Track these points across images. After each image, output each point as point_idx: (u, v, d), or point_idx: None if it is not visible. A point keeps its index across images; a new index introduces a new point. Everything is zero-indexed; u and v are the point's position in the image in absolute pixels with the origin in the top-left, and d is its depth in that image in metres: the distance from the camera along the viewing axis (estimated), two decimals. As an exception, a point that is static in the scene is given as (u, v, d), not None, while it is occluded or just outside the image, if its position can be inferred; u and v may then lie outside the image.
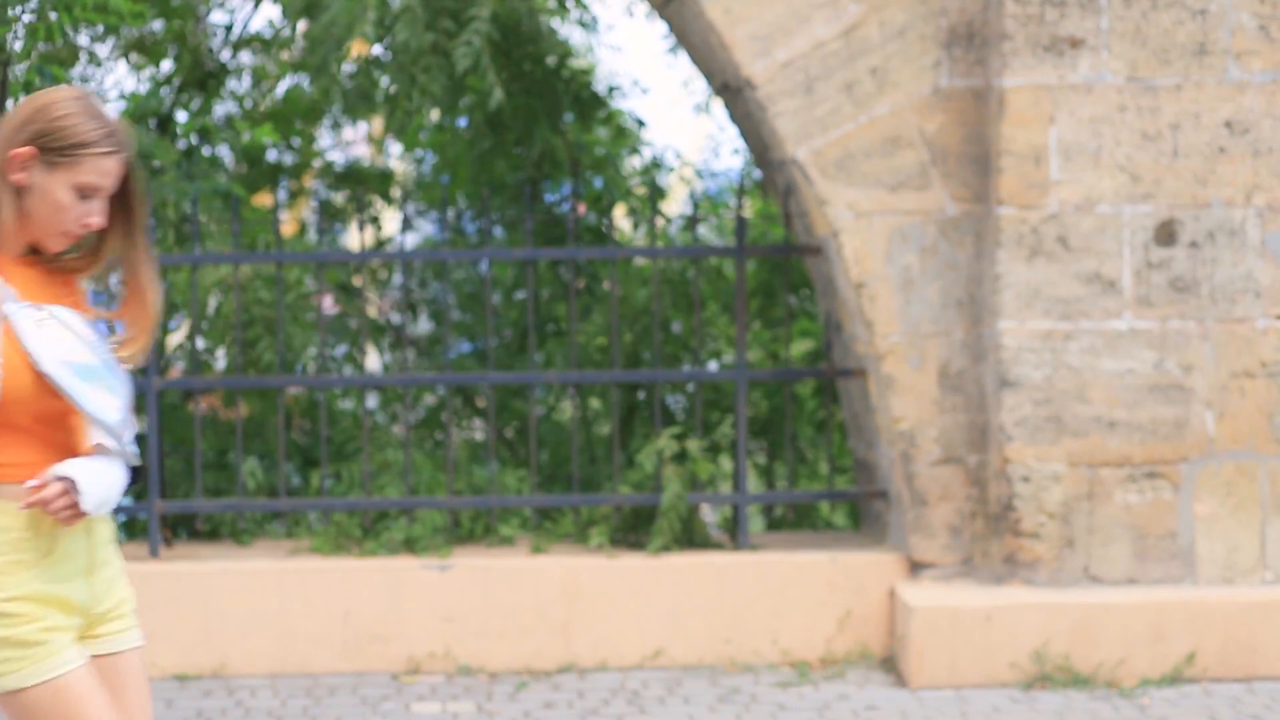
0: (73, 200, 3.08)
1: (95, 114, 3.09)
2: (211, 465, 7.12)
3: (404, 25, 6.45)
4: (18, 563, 3.06)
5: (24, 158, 3.06)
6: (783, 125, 6.24)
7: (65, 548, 3.10)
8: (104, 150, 3.07)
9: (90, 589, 3.14)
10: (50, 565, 3.08)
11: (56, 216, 3.08)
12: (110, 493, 3.11)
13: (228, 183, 7.24)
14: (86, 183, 3.08)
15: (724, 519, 7.37)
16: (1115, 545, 6.16)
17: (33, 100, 3.09)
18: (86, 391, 3.06)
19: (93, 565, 3.15)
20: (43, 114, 3.07)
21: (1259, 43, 6.09)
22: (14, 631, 3.05)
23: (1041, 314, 6.11)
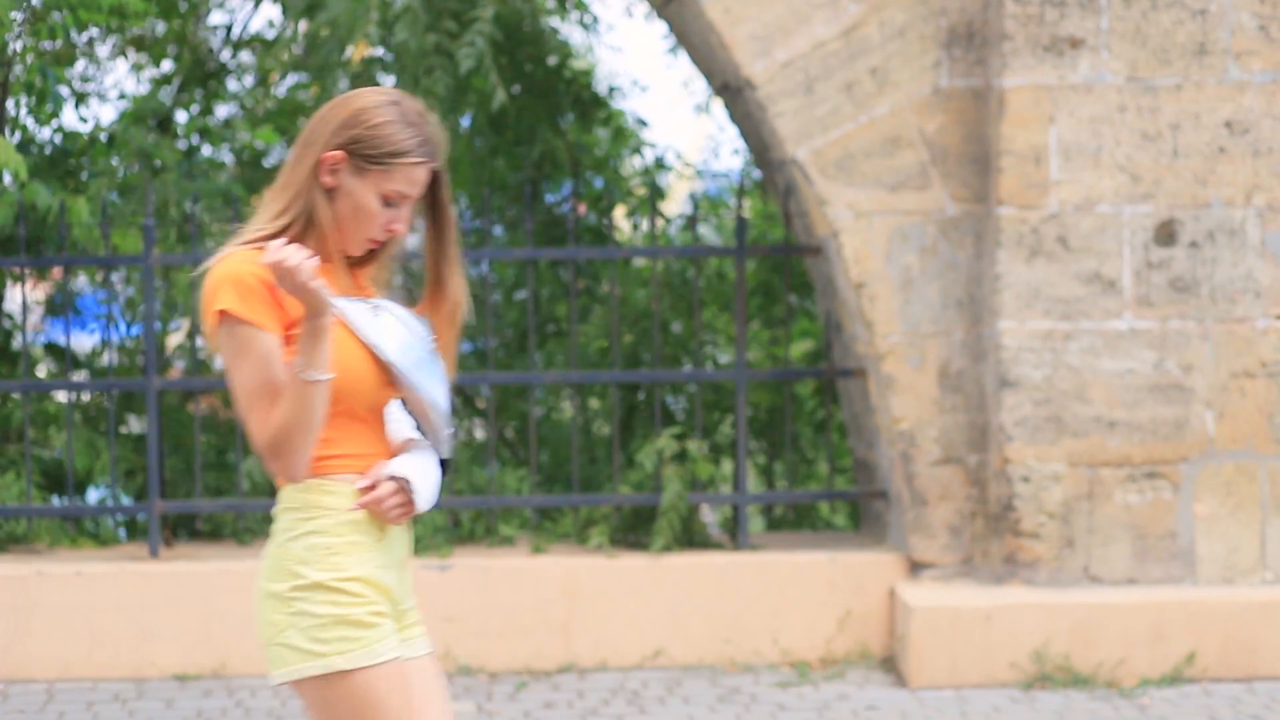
0: (380, 207, 3.05)
1: (411, 122, 3.05)
2: (211, 465, 7.12)
3: (405, 26, 6.46)
4: (356, 544, 3.05)
5: (335, 161, 3.04)
6: (783, 125, 6.24)
7: (389, 536, 3.10)
8: (416, 160, 3.04)
9: (400, 582, 3.13)
10: (381, 551, 3.08)
11: (362, 222, 3.05)
12: (434, 488, 3.12)
13: (228, 182, 7.23)
14: (395, 191, 3.04)
15: (724, 519, 7.37)
16: (1115, 545, 6.16)
17: (348, 102, 3.05)
18: (426, 380, 3.06)
19: (402, 559, 3.14)
20: (360, 119, 3.04)
21: (1259, 43, 6.09)
22: (349, 611, 3.02)
23: (1041, 314, 6.11)
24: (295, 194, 3.05)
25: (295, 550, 3.06)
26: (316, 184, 3.04)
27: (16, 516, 6.57)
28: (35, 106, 7.14)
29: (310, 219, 3.05)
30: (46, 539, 6.67)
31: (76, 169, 7.30)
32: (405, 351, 3.06)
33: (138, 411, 7.15)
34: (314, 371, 2.94)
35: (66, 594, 6.23)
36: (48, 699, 6.01)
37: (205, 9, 7.90)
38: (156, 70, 7.94)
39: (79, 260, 6.64)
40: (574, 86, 7.44)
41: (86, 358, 7.69)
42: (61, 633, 6.22)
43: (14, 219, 6.62)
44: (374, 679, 3.02)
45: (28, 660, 6.22)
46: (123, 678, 6.22)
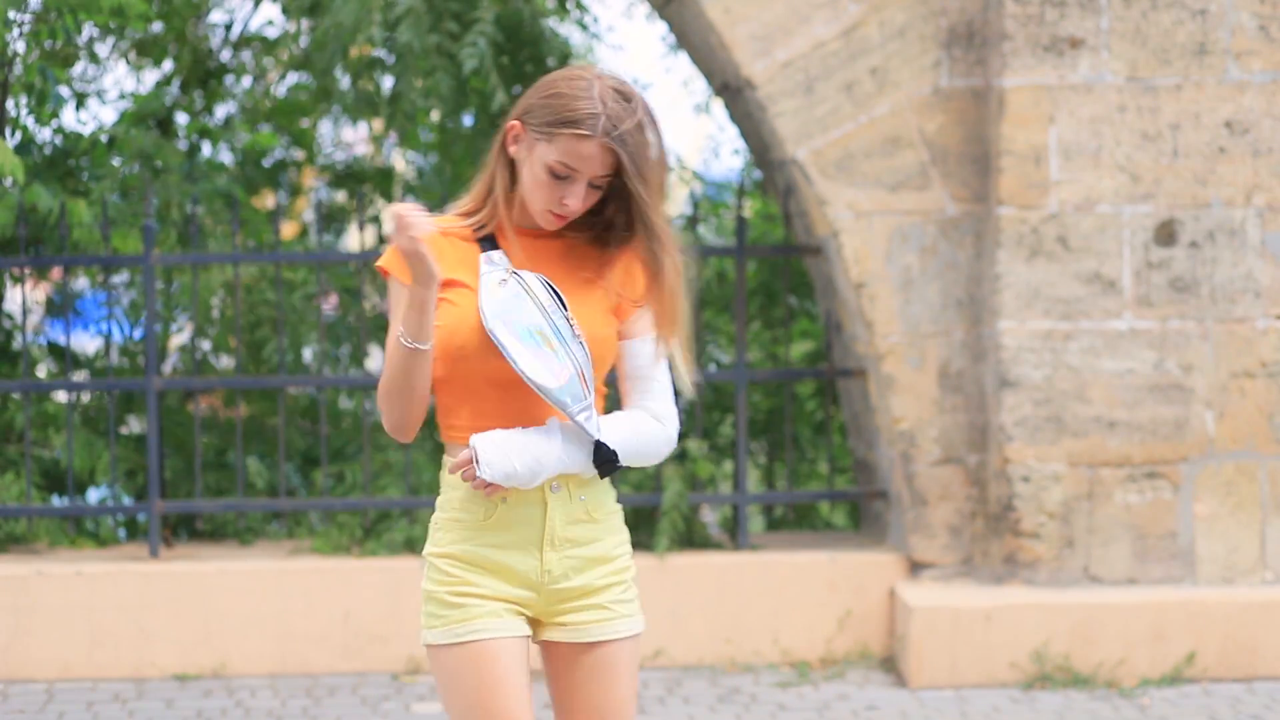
0: (547, 179, 2.98)
1: (591, 96, 2.96)
2: (211, 465, 7.12)
3: (408, 27, 6.46)
4: (456, 521, 3.06)
5: (515, 130, 3.02)
6: (783, 125, 6.24)
7: (509, 516, 3.05)
8: (581, 132, 2.94)
9: (545, 564, 3.06)
10: (490, 530, 3.05)
11: (535, 193, 3.01)
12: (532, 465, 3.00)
13: (228, 182, 7.23)
14: (559, 163, 2.96)
15: (724, 519, 7.37)
16: (1115, 545, 6.16)
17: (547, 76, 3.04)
18: (524, 353, 2.96)
19: (550, 541, 3.06)
20: (541, 89, 3.01)
21: (1259, 43, 6.09)
22: (435, 588, 3.06)
23: (1041, 314, 6.11)
24: (488, 165, 3.08)
25: (434, 518, 3.13)
26: (503, 153, 3.05)
27: (16, 516, 6.57)
28: (35, 107, 7.14)
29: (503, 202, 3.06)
30: (46, 539, 6.67)
31: (77, 169, 7.30)
32: (502, 320, 2.97)
33: (138, 411, 7.14)
34: (412, 339, 2.95)
35: (66, 594, 6.23)
36: (48, 699, 6.01)
37: (205, 8, 7.90)
38: (157, 70, 7.94)
39: (79, 260, 6.64)
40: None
41: (89, 359, 7.69)
42: (61, 633, 6.22)
43: (14, 221, 6.62)
44: (448, 657, 3.03)
45: (28, 660, 6.22)
46: (123, 678, 6.22)
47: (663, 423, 3.13)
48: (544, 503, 3.06)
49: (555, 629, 3.11)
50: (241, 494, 6.63)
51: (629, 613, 3.14)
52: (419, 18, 6.50)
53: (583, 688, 3.12)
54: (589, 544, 3.10)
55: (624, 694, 3.12)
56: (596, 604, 3.10)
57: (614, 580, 3.13)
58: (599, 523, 3.12)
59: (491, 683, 3.03)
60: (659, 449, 3.14)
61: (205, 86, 7.87)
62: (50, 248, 6.91)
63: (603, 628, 3.11)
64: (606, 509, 3.14)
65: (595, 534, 3.11)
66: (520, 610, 3.09)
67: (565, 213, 3.01)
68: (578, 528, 3.09)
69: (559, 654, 3.13)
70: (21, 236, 6.50)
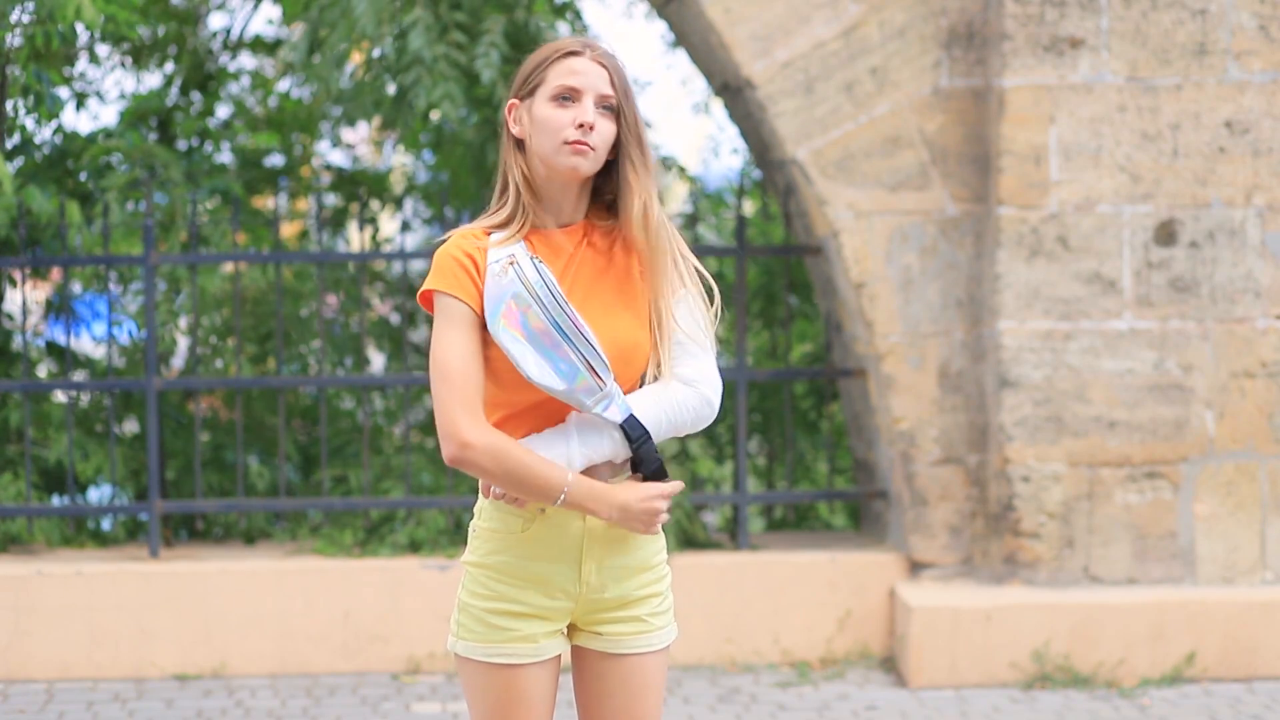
0: (553, 110, 3.00)
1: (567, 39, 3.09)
2: (210, 465, 7.11)
3: (416, 36, 6.48)
4: (493, 531, 3.04)
5: (513, 109, 3.06)
6: (783, 125, 6.24)
7: (548, 526, 3.03)
8: (565, 52, 3.03)
9: (583, 575, 3.05)
10: (529, 541, 3.03)
11: (549, 135, 3.00)
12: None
13: (228, 182, 7.23)
14: (560, 86, 3.00)
15: (724, 519, 7.37)
16: (1115, 545, 6.16)
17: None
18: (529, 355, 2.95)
19: (589, 552, 3.05)
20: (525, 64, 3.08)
21: (1259, 43, 6.09)
22: (472, 602, 3.05)
23: (1041, 314, 6.11)
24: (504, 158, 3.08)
25: (474, 526, 3.11)
26: (510, 142, 3.06)
27: (16, 516, 6.57)
28: (34, 107, 7.14)
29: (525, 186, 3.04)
30: (43, 538, 6.66)
31: (75, 170, 7.30)
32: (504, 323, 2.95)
33: (138, 412, 7.14)
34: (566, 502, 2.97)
35: (66, 594, 6.23)
36: (48, 699, 6.01)
37: (205, 9, 7.90)
38: (157, 72, 7.94)
39: (79, 260, 6.64)
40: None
41: (89, 359, 7.68)
42: (61, 633, 6.22)
43: (10, 223, 6.62)
44: (476, 671, 3.03)
45: (28, 660, 6.22)
46: (123, 678, 6.22)
47: (694, 385, 3.07)
48: (583, 515, 3.05)
49: (589, 636, 3.10)
50: (242, 494, 6.63)
51: (663, 624, 3.14)
52: (427, 28, 6.52)
53: (612, 698, 3.09)
54: (628, 552, 3.10)
55: (652, 706, 3.11)
56: (633, 616, 3.10)
57: (652, 591, 3.13)
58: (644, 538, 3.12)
59: (514, 706, 3.04)
60: (696, 414, 3.07)
61: (204, 89, 7.87)
62: (48, 248, 6.91)
63: (636, 640, 3.10)
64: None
65: (635, 541, 3.10)
66: (556, 623, 3.07)
67: (584, 137, 3.00)
68: (619, 542, 3.08)
69: (590, 661, 3.11)
70: (21, 236, 6.50)
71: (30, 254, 6.90)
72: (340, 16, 6.69)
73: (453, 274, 2.98)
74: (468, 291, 2.97)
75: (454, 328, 2.97)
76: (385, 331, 7.67)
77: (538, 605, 3.04)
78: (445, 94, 6.54)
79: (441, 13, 6.66)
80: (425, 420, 7.63)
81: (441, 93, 6.53)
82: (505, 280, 2.96)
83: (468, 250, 3.00)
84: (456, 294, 2.97)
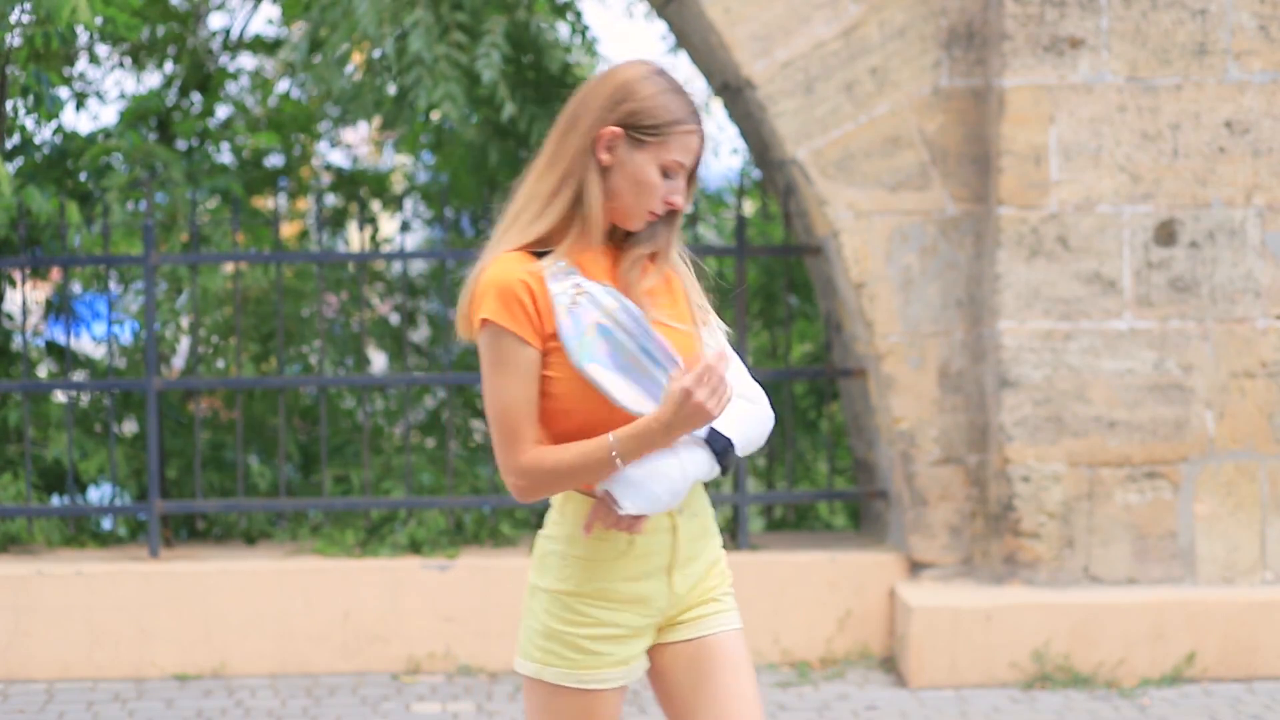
0: (659, 180, 2.98)
1: (679, 90, 3.01)
2: (210, 464, 7.11)
3: (417, 37, 6.48)
4: (589, 559, 3.00)
5: (612, 137, 2.98)
6: (783, 125, 6.24)
7: (644, 545, 3.01)
8: (691, 127, 2.99)
9: (671, 587, 3.04)
10: (627, 564, 3.00)
11: (642, 196, 2.98)
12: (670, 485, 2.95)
13: (228, 182, 7.23)
14: (673, 160, 2.98)
15: (724, 519, 7.36)
16: (1115, 545, 6.16)
17: (611, 77, 3.01)
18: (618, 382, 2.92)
19: (675, 563, 3.04)
20: (631, 92, 2.98)
21: (1259, 43, 6.09)
22: (567, 630, 3.00)
23: (1041, 314, 6.11)
24: (565, 175, 2.99)
25: (539, 549, 3.06)
26: (592, 162, 2.98)
27: (16, 516, 6.57)
28: (34, 107, 7.14)
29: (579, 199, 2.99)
30: (43, 539, 6.66)
31: (75, 170, 7.30)
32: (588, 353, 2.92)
33: (138, 412, 7.14)
34: (623, 460, 2.91)
35: (66, 594, 6.23)
36: (48, 699, 6.01)
37: (205, 9, 7.90)
38: (156, 72, 7.94)
39: (79, 260, 6.64)
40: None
41: (89, 359, 7.68)
42: (61, 633, 6.22)
43: (10, 223, 6.62)
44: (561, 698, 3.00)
45: (28, 660, 6.22)
46: (123, 678, 6.22)
47: (755, 402, 3.08)
48: (673, 527, 3.04)
49: (671, 630, 3.08)
50: (242, 494, 6.63)
51: (735, 606, 3.15)
52: (428, 28, 6.51)
53: (711, 679, 3.06)
54: (701, 556, 3.09)
55: (752, 681, 3.09)
56: (710, 598, 3.10)
57: (722, 577, 3.14)
58: (709, 531, 3.12)
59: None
60: (764, 428, 3.08)
61: (204, 89, 7.87)
62: (48, 249, 6.91)
63: (719, 619, 3.10)
64: (710, 513, 3.14)
65: (706, 544, 3.11)
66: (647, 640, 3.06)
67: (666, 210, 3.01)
68: (695, 544, 3.08)
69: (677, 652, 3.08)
70: (21, 236, 6.50)
71: (30, 254, 6.89)
72: (341, 17, 6.69)
73: (514, 308, 2.93)
74: (529, 328, 2.93)
75: (511, 369, 2.94)
76: (385, 331, 7.67)
77: (634, 625, 3.02)
78: (446, 94, 6.54)
79: (443, 13, 6.66)
80: (426, 420, 7.64)
81: (443, 93, 6.53)
82: (580, 312, 2.93)
83: (524, 279, 2.94)
84: (517, 331, 2.93)
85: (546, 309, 2.93)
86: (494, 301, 2.93)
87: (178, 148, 7.62)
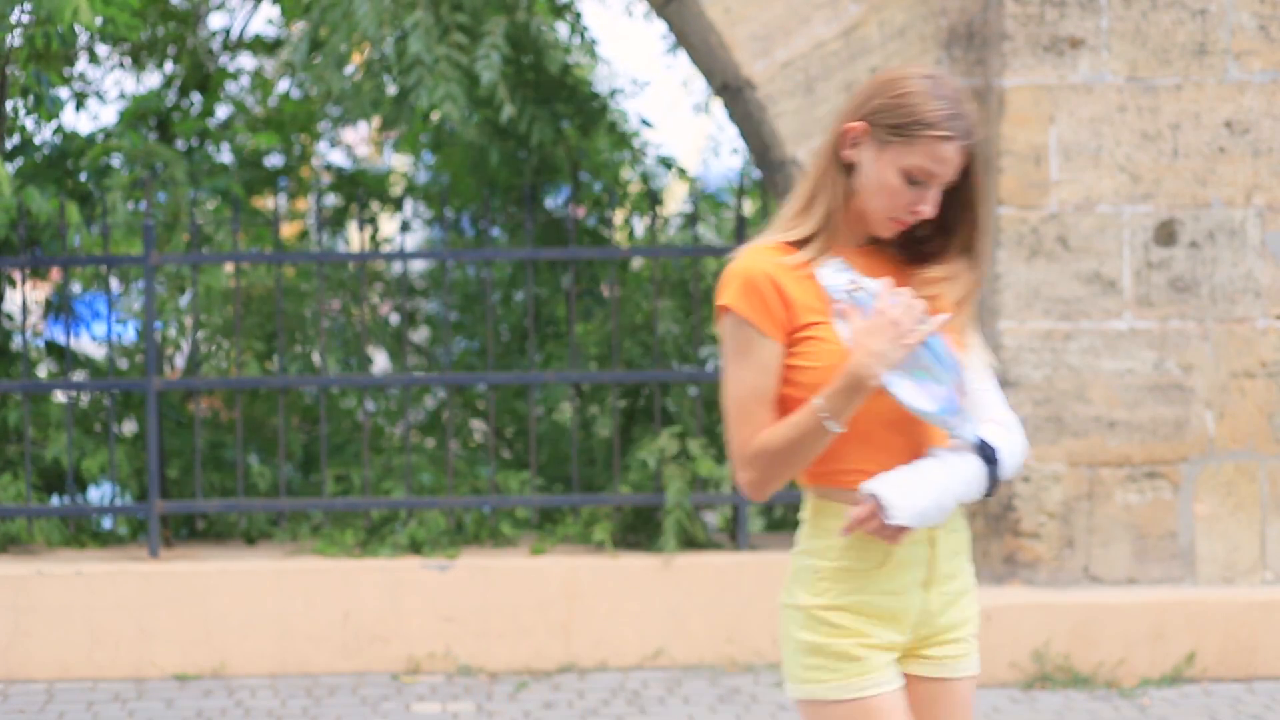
0: (900, 184, 2.85)
1: (943, 95, 2.85)
2: (210, 464, 7.11)
3: (417, 38, 6.48)
4: (846, 570, 2.89)
5: (856, 133, 2.88)
6: (783, 125, 6.24)
7: (902, 557, 2.89)
8: (941, 134, 2.83)
9: (925, 603, 2.92)
10: (884, 576, 2.89)
11: (883, 199, 2.86)
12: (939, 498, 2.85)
13: (226, 182, 7.23)
14: (918, 167, 2.84)
15: (724, 519, 7.36)
16: (1115, 545, 6.16)
17: (881, 76, 2.90)
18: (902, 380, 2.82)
19: (933, 578, 2.92)
20: (885, 89, 2.87)
21: (1259, 43, 6.09)
22: (830, 642, 2.88)
23: (1041, 314, 6.12)
24: (819, 174, 2.92)
25: (793, 566, 2.95)
26: (836, 159, 2.90)
27: (15, 516, 6.57)
28: (34, 107, 7.14)
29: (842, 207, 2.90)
30: (43, 539, 6.66)
31: (75, 170, 7.30)
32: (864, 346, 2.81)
33: (138, 412, 7.14)
34: (832, 421, 2.81)
35: (66, 594, 6.23)
36: (48, 699, 6.01)
37: (205, 9, 7.90)
38: (156, 72, 7.94)
39: (79, 260, 6.64)
40: (576, 95, 7.44)
41: (90, 360, 7.68)
42: (61, 633, 6.22)
43: (10, 224, 6.62)
44: (858, 712, 2.87)
45: (28, 660, 6.22)
46: (123, 678, 6.22)
47: (1014, 430, 2.97)
48: (931, 540, 2.91)
49: (917, 662, 2.96)
50: (242, 494, 6.63)
51: (976, 649, 3.02)
52: (428, 29, 6.51)
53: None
54: (959, 575, 2.97)
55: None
56: (957, 638, 2.97)
57: (971, 614, 3.00)
58: (964, 549, 3.00)
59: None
60: (1020, 457, 2.98)
61: (204, 89, 7.87)
62: (48, 249, 6.91)
63: (961, 664, 2.98)
64: (966, 533, 3.01)
65: (963, 563, 2.99)
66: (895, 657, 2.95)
67: (913, 220, 2.89)
68: (954, 560, 2.96)
69: (919, 687, 2.96)
70: (21, 235, 6.50)
71: (30, 254, 6.89)
72: (341, 18, 6.69)
73: (754, 299, 2.86)
74: (769, 320, 2.86)
75: (748, 360, 2.87)
76: (385, 331, 7.67)
77: (888, 640, 2.91)
78: (447, 95, 6.54)
79: (443, 14, 6.66)
80: (426, 420, 7.64)
81: (443, 94, 6.53)
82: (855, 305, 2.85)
83: (769, 271, 2.87)
84: (756, 322, 2.86)
85: (792, 301, 2.86)
86: (736, 291, 2.87)
87: (178, 148, 7.62)
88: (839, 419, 2.81)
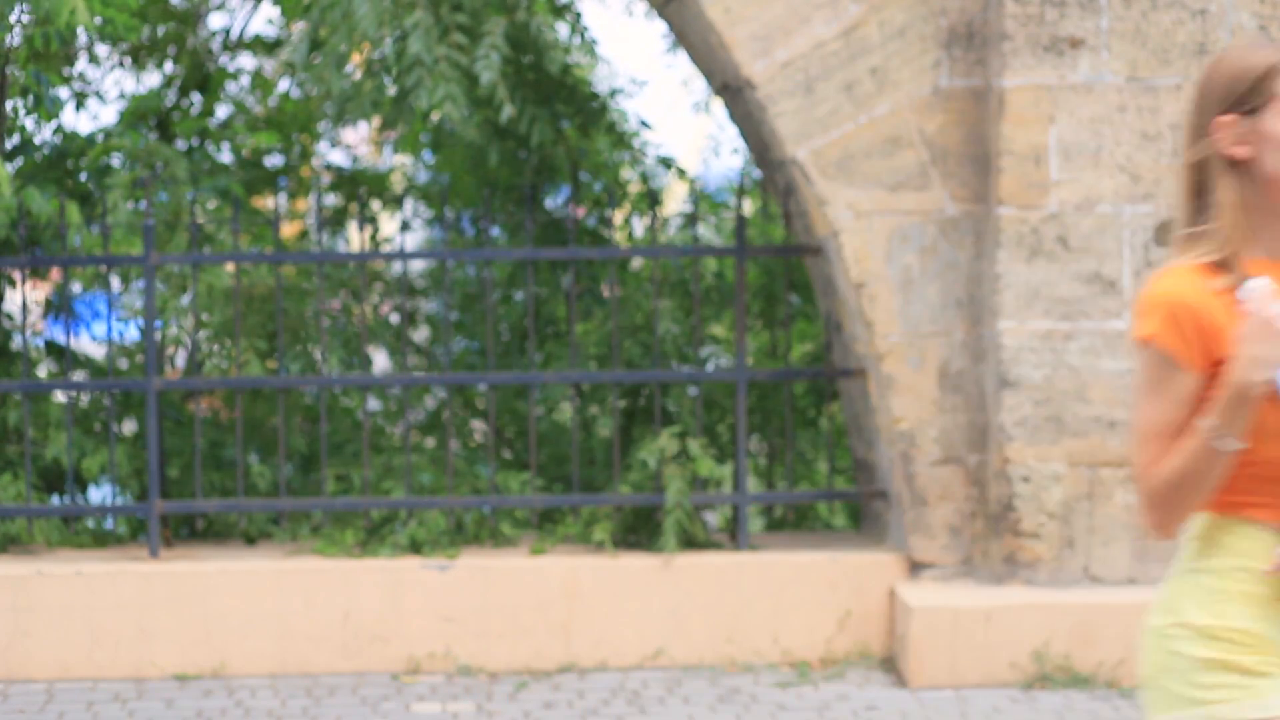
0: None
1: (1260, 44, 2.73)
2: (210, 464, 7.11)
3: (417, 38, 6.48)
4: (1250, 595, 2.72)
5: (1229, 125, 2.70)
6: (783, 125, 6.24)
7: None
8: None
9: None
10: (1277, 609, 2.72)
11: None
12: None
13: (227, 182, 7.23)
14: None
15: (724, 519, 7.37)
16: (1115, 545, 6.16)
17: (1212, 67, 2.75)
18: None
19: None
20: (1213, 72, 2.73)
21: (1259, 43, 6.09)
22: (1236, 658, 2.71)
23: (1041, 314, 6.12)
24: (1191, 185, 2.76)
25: (1185, 585, 2.77)
26: (1217, 163, 2.72)
27: (15, 516, 6.57)
28: (34, 108, 7.14)
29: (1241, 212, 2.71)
30: (43, 539, 6.66)
31: (75, 170, 7.30)
32: None
33: (137, 412, 7.14)
34: (1224, 441, 2.66)
35: (66, 594, 6.23)
36: (48, 699, 6.01)
37: (205, 9, 7.90)
38: (157, 72, 7.94)
39: (78, 260, 6.64)
40: (576, 96, 7.45)
41: (90, 360, 7.68)
42: (61, 633, 6.22)
43: (10, 224, 6.62)
44: None
45: (28, 660, 6.22)
46: (123, 678, 6.22)
47: None
48: None
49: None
50: (242, 494, 6.63)
51: None
52: (428, 30, 6.51)
53: None
54: None
55: None
56: None
57: None
58: None
59: None
60: None
61: (204, 89, 7.87)
62: (48, 249, 6.91)
63: None
64: None
65: None
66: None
67: None
68: None
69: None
70: (21, 235, 6.50)
71: (30, 254, 6.89)
72: (341, 18, 6.69)
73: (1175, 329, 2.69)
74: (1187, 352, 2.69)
75: (1165, 395, 2.71)
76: (385, 331, 7.67)
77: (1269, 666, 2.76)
78: (447, 95, 6.54)
79: (442, 14, 6.66)
80: (426, 420, 7.63)
81: (443, 94, 6.53)
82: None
83: (1187, 301, 2.70)
84: (1175, 355, 2.69)
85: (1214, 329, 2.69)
86: (1158, 320, 2.70)
87: (178, 147, 7.61)
88: (1231, 435, 2.66)
